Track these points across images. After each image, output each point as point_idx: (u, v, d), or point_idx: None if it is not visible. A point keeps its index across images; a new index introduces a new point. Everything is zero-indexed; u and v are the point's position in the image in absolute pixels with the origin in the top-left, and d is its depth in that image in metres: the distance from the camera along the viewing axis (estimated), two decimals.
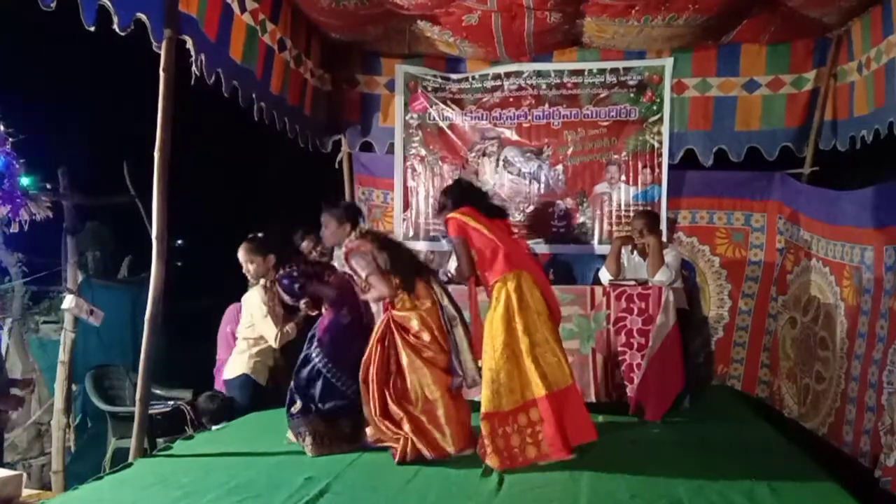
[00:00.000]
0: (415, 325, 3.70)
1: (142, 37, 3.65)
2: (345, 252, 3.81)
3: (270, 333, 4.66)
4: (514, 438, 3.47)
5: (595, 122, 5.98)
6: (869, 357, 4.12)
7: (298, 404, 3.81)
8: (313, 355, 3.86)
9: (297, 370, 3.91)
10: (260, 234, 4.09)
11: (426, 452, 3.54)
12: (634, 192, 5.92)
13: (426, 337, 3.68)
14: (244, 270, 4.00)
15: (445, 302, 3.76)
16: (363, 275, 3.74)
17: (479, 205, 3.93)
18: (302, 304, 4.11)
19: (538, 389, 3.50)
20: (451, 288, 3.94)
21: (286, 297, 4.00)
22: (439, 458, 3.55)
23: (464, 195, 3.99)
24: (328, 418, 3.79)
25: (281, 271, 3.95)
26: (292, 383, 3.90)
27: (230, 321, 5.27)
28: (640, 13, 5.01)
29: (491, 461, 3.43)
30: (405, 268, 3.79)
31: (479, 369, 3.69)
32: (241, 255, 3.94)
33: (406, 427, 3.59)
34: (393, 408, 3.65)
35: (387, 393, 3.68)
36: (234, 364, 4.79)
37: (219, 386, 5.10)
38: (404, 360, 3.68)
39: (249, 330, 4.77)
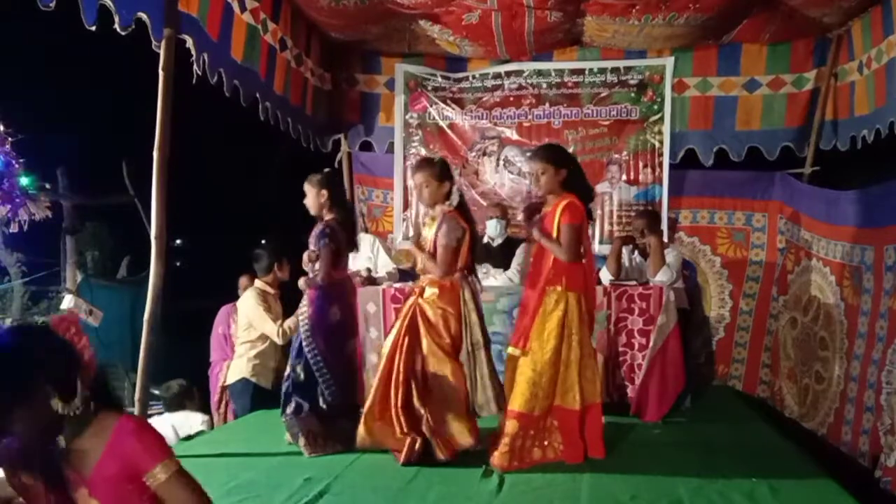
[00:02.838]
0: (432, 316, 3.62)
1: (142, 36, 3.64)
2: (448, 211, 3.65)
3: (272, 330, 4.66)
4: (528, 441, 3.48)
5: (596, 121, 5.97)
6: (868, 357, 4.12)
7: (292, 404, 3.76)
8: (305, 350, 3.77)
9: (292, 366, 3.83)
10: (327, 170, 4.04)
11: (440, 455, 3.48)
12: (635, 192, 5.91)
13: (445, 337, 3.62)
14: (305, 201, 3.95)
15: (473, 319, 3.66)
16: (441, 241, 3.60)
17: (586, 200, 3.64)
18: (310, 253, 3.91)
19: (573, 402, 3.51)
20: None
21: (312, 241, 3.89)
22: (451, 458, 3.49)
23: (580, 178, 3.67)
24: (323, 418, 3.75)
25: (329, 216, 3.85)
26: (287, 381, 3.84)
27: (221, 323, 5.28)
28: (641, 12, 5.00)
29: (500, 460, 3.41)
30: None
31: (497, 400, 3.64)
32: (305, 186, 3.92)
33: (424, 427, 3.51)
34: (416, 403, 3.56)
35: (413, 384, 3.58)
36: (234, 369, 4.81)
37: (213, 386, 5.11)
38: (426, 349, 3.59)
39: (246, 333, 4.77)
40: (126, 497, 1.63)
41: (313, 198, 3.88)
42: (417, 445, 3.48)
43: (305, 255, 3.95)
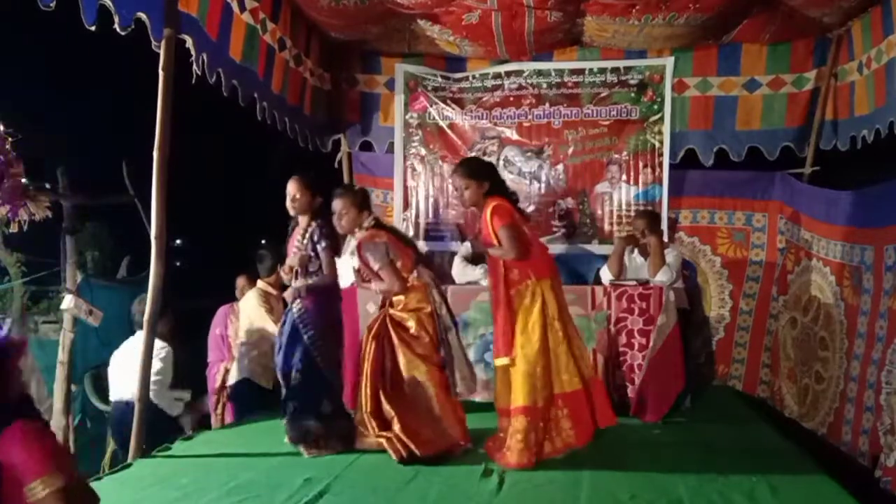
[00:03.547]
0: (412, 325, 3.70)
1: (142, 36, 3.64)
2: (358, 242, 3.75)
3: (273, 329, 4.66)
4: (539, 435, 3.51)
5: (596, 121, 5.97)
6: (868, 357, 4.12)
7: (291, 405, 3.75)
8: (311, 351, 3.74)
9: (288, 368, 3.77)
10: (313, 174, 4.00)
11: (416, 450, 3.52)
12: (635, 192, 5.91)
13: (425, 338, 3.69)
14: (288, 203, 3.87)
15: (443, 311, 3.74)
16: (375, 267, 3.69)
17: (512, 201, 3.76)
18: (303, 256, 3.83)
19: (573, 384, 3.56)
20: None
21: (303, 243, 3.83)
22: (432, 454, 3.54)
23: (501, 185, 3.81)
24: (322, 418, 3.74)
25: (320, 220, 3.82)
26: (285, 382, 3.80)
27: (219, 324, 5.27)
28: (641, 12, 5.00)
29: (518, 457, 3.42)
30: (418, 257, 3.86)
31: (473, 377, 3.75)
32: (291, 186, 3.85)
33: (396, 427, 3.58)
34: (386, 406, 3.64)
35: (380, 390, 3.66)
36: (235, 369, 4.81)
37: (211, 388, 5.11)
38: (401, 357, 3.67)
39: (248, 334, 4.77)
40: None
41: (306, 199, 3.82)
42: (399, 443, 3.53)
43: (295, 260, 3.85)
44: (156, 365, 4.41)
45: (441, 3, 5.00)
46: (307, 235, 3.81)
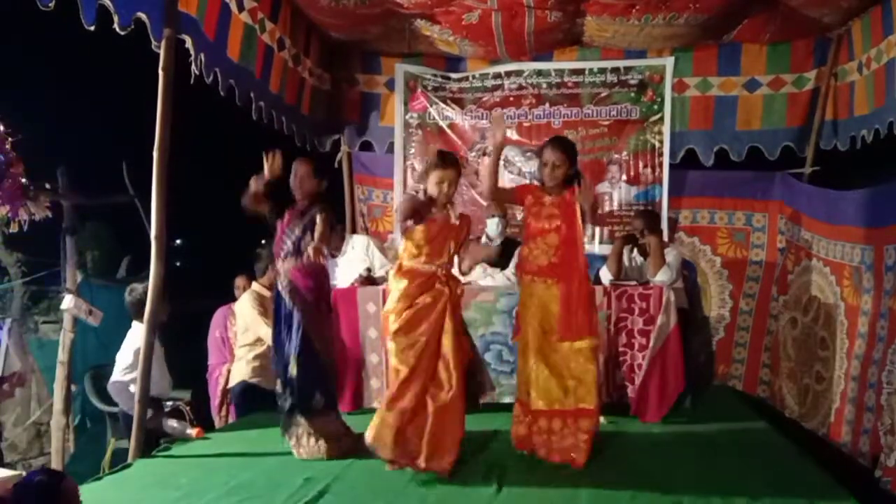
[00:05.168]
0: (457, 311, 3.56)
1: (142, 36, 3.65)
2: (464, 215, 3.69)
3: (266, 333, 4.65)
4: (567, 439, 3.50)
5: (596, 121, 5.97)
6: (869, 357, 4.12)
7: (287, 403, 3.71)
8: (302, 345, 3.63)
9: (284, 366, 3.72)
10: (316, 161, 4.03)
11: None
12: (635, 192, 5.91)
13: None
14: (292, 182, 3.83)
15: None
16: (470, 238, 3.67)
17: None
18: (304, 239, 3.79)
19: (592, 401, 3.55)
20: None
21: (297, 220, 3.79)
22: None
23: (578, 170, 3.79)
24: (315, 416, 3.68)
25: (323, 204, 3.81)
26: (281, 381, 3.75)
27: (218, 326, 5.27)
28: (641, 12, 5.00)
29: (586, 457, 3.42)
30: None
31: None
32: (301, 167, 3.81)
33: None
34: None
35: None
36: (234, 372, 4.81)
37: (212, 390, 5.10)
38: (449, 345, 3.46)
39: (245, 336, 4.77)
40: None
41: (312, 183, 3.79)
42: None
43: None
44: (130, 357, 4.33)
45: (441, 3, 5.00)
46: (307, 215, 3.74)
